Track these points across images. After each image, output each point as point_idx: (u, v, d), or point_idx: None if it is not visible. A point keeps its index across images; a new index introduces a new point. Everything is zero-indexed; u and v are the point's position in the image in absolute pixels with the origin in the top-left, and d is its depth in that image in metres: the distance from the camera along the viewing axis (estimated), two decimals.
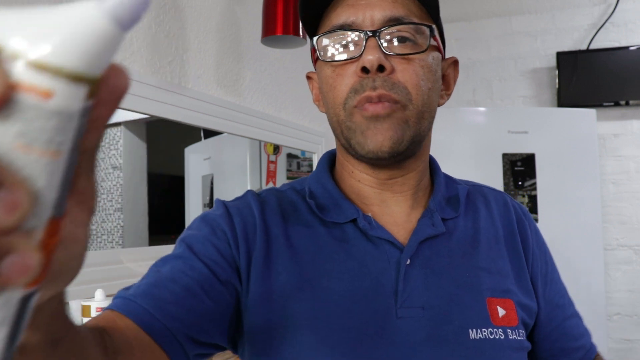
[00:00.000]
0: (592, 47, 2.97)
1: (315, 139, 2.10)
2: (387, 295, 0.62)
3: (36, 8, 0.22)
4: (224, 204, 0.68)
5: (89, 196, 0.26)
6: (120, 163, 1.25)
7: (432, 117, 0.66)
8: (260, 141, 1.81)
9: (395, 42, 0.63)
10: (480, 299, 0.64)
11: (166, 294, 0.56)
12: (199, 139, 1.56)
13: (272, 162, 1.91)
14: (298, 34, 1.41)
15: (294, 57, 1.95)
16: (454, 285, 0.64)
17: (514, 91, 3.15)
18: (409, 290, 0.62)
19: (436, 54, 0.66)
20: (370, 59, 0.60)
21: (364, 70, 0.61)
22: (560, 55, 2.97)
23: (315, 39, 0.66)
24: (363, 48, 0.62)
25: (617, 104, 2.89)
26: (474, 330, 0.62)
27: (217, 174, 1.66)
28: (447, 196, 0.72)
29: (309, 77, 0.76)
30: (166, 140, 1.47)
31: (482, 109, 2.47)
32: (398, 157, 0.64)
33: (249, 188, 1.81)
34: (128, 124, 1.28)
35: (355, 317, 0.60)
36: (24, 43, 0.20)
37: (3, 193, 0.20)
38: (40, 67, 0.20)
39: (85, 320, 0.81)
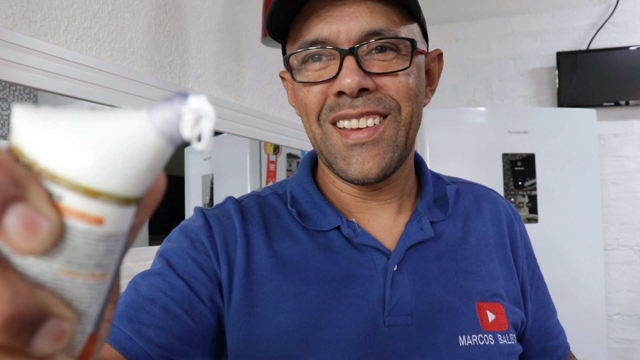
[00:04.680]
0: (592, 47, 2.97)
1: None
2: (375, 304, 0.59)
3: (80, 112, 0.20)
4: (203, 213, 0.65)
5: (116, 294, 0.25)
6: None
7: (420, 123, 0.63)
8: (260, 141, 1.81)
9: (376, 56, 0.57)
10: (470, 304, 0.62)
11: (145, 317, 0.53)
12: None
13: (272, 162, 1.91)
14: None
15: None
16: (443, 291, 0.62)
17: (514, 91, 3.14)
18: (396, 297, 0.60)
19: (420, 57, 0.62)
20: (349, 83, 0.55)
21: (340, 93, 0.57)
22: (560, 55, 2.97)
23: (285, 57, 0.61)
24: (339, 69, 0.56)
25: (617, 104, 2.88)
26: (464, 336, 0.60)
27: (217, 174, 1.66)
28: (435, 197, 0.69)
29: (282, 77, 0.70)
30: None
31: (482, 109, 2.47)
32: (388, 177, 0.61)
33: (249, 188, 1.81)
34: None
35: (342, 327, 0.58)
36: (73, 165, 0.19)
37: (50, 323, 0.19)
38: (92, 194, 0.19)
39: None
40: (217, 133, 1.59)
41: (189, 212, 1.50)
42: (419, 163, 0.73)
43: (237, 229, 0.62)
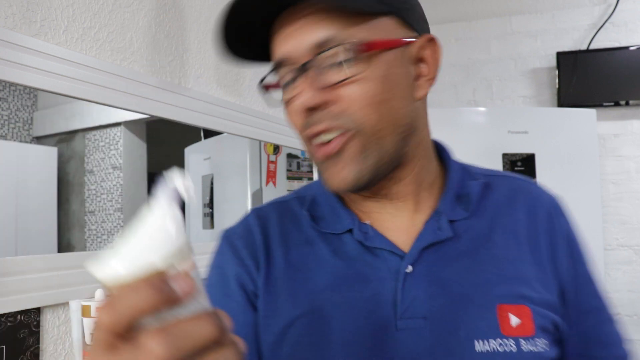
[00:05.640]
0: (592, 47, 2.97)
1: None
2: (386, 306, 0.58)
3: (134, 234, 0.33)
4: (228, 240, 0.67)
5: None
6: (120, 163, 1.25)
7: (401, 126, 0.57)
8: (260, 141, 1.81)
9: (331, 67, 0.54)
10: (489, 306, 0.58)
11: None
12: (199, 139, 1.56)
13: (272, 162, 1.91)
14: None
15: None
16: (460, 293, 0.58)
17: (514, 91, 3.14)
18: (408, 300, 0.58)
19: (391, 53, 0.56)
20: (297, 105, 0.54)
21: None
22: (560, 55, 2.97)
23: (265, 77, 0.61)
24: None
25: (617, 104, 2.88)
26: (481, 341, 0.56)
27: (217, 174, 1.66)
28: (460, 193, 0.65)
29: None
30: (166, 140, 1.47)
31: (482, 109, 2.47)
32: (371, 184, 0.58)
33: (249, 188, 1.81)
34: (128, 124, 1.28)
35: (353, 331, 0.58)
36: (175, 258, 0.33)
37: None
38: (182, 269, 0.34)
39: (86, 320, 0.81)
40: (217, 133, 1.59)
41: (189, 212, 1.50)
42: (443, 156, 0.68)
43: (259, 243, 0.65)
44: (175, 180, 0.34)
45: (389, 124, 0.56)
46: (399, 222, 0.63)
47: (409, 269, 0.59)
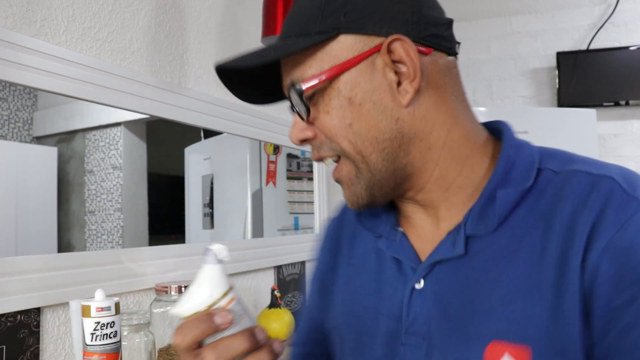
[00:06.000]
0: (592, 47, 2.97)
1: None
2: (396, 319, 0.58)
3: (194, 286, 0.51)
4: (323, 229, 0.77)
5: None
6: (120, 163, 1.25)
7: (384, 141, 0.55)
8: (260, 141, 1.81)
9: (303, 105, 0.56)
10: (477, 344, 0.51)
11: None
12: (199, 139, 1.56)
13: (272, 162, 1.91)
14: None
15: None
16: (458, 319, 0.53)
17: (514, 91, 3.15)
18: (412, 316, 0.57)
19: (352, 72, 0.54)
20: (291, 138, 0.59)
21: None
22: (560, 55, 2.97)
23: None
24: None
25: (617, 104, 2.88)
26: None
27: (217, 174, 1.66)
28: (490, 203, 0.54)
29: None
30: (166, 140, 1.47)
31: (482, 109, 2.46)
32: (377, 201, 0.59)
33: (249, 188, 1.81)
34: (128, 124, 1.28)
35: (370, 338, 0.61)
36: (220, 298, 0.51)
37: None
38: (222, 298, 0.51)
39: (86, 320, 0.81)
40: (217, 133, 1.59)
41: (189, 212, 1.50)
42: (499, 150, 0.58)
43: (336, 239, 0.73)
44: (215, 248, 0.51)
45: (368, 143, 0.55)
46: (427, 229, 0.60)
47: (420, 283, 0.57)
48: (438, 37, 0.56)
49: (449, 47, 0.58)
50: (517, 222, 0.53)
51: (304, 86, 0.54)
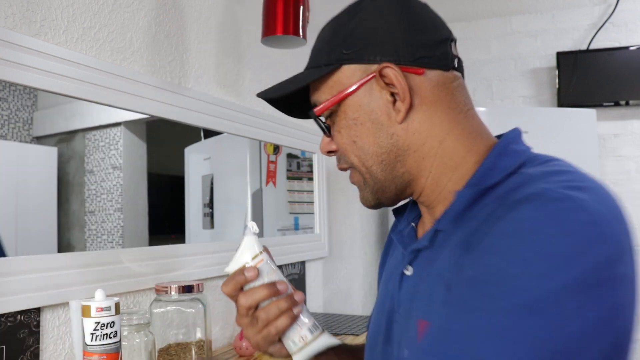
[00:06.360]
0: (592, 47, 2.97)
1: (315, 139, 2.10)
2: (393, 300, 0.68)
3: (238, 253, 0.72)
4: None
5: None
6: (120, 163, 1.25)
7: (382, 154, 0.63)
8: (260, 141, 1.81)
9: (324, 124, 0.69)
10: (414, 322, 0.59)
11: None
12: (199, 139, 1.56)
13: (272, 162, 1.91)
14: (298, 34, 1.41)
15: (294, 57, 1.95)
16: (414, 299, 0.62)
17: (514, 91, 3.15)
18: (399, 297, 0.66)
19: (357, 96, 0.63)
20: (320, 149, 0.71)
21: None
22: (560, 55, 2.97)
23: None
24: None
25: (617, 104, 2.88)
26: (403, 349, 0.62)
27: (217, 174, 1.66)
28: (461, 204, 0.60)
29: None
30: (166, 140, 1.47)
31: (482, 109, 2.46)
32: (384, 204, 0.69)
33: (249, 188, 1.81)
34: (128, 124, 1.28)
35: (382, 316, 0.71)
36: (253, 258, 0.72)
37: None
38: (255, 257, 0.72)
39: (86, 320, 0.81)
40: (217, 133, 1.59)
41: (189, 212, 1.50)
42: (486, 154, 0.62)
43: (386, 249, 0.85)
44: (249, 224, 0.73)
45: (370, 157, 0.65)
46: (428, 226, 0.68)
47: (409, 269, 0.66)
48: (430, 57, 0.62)
49: (443, 64, 0.63)
50: (471, 218, 0.57)
51: (318, 109, 0.66)
